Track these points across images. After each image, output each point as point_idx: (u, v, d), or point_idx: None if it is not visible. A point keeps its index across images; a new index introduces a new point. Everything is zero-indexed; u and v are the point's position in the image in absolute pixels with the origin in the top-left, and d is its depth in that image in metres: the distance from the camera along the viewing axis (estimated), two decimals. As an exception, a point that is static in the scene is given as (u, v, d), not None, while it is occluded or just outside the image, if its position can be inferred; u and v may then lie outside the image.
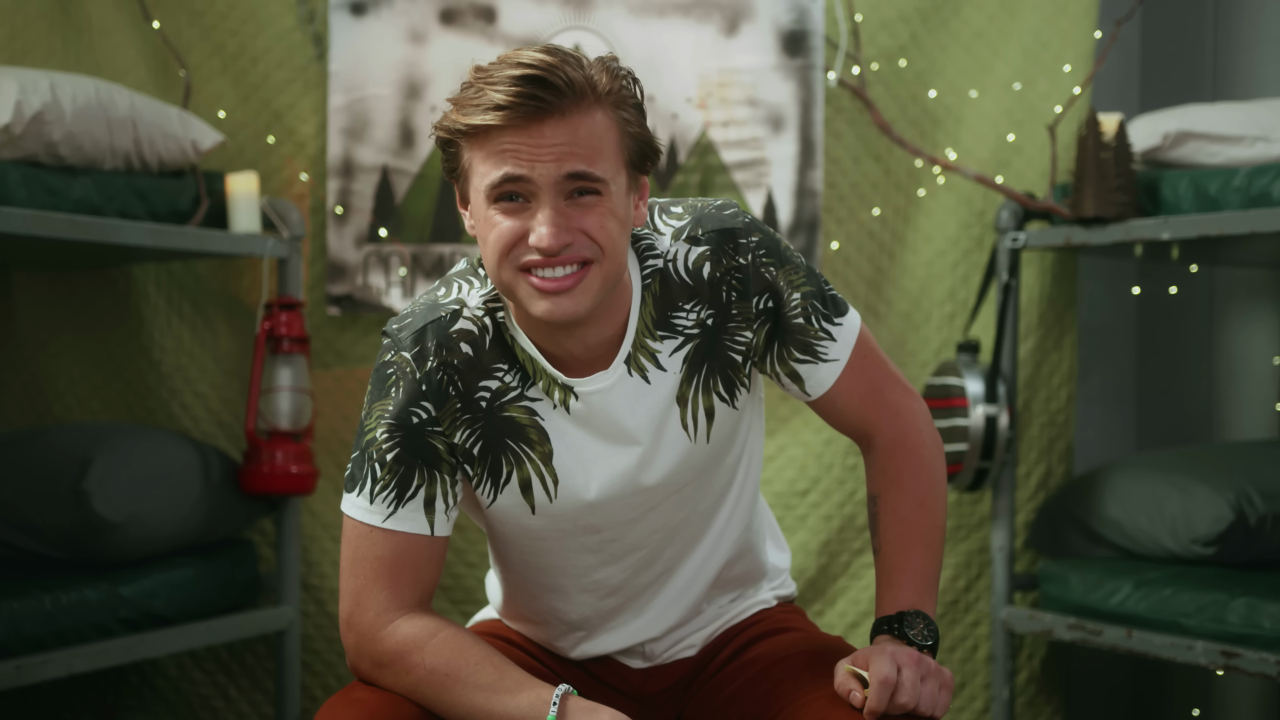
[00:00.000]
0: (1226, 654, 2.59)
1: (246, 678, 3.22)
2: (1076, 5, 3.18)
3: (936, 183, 3.23)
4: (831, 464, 3.21)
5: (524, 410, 1.63)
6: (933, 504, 1.69)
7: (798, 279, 1.65)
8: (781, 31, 3.14)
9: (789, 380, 1.69)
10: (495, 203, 1.52)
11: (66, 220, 2.53)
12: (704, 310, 1.64)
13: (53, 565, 2.70)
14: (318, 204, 3.21)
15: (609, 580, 1.71)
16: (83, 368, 3.23)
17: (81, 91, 2.63)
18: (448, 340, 1.61)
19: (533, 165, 1.49)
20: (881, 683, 1.51)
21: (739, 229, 1.64)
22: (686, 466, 1.67)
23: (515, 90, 1.47)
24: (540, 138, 1.49)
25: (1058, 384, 3.26)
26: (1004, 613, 3.05)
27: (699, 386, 1.65)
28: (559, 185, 1.51)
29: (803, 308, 1.65)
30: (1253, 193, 2.70)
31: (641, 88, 1.59)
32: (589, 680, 1.79)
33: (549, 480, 1.65)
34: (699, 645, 1.79)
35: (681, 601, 1.75)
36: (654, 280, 1.63)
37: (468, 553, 3.16)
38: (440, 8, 3.15)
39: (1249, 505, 2.80)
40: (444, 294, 1.66)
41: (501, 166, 1.50)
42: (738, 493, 1.76)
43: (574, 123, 1.50)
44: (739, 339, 1.65)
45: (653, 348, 1.64)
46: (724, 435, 1.68)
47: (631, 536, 1.69)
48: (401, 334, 1.63)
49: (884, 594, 1.65)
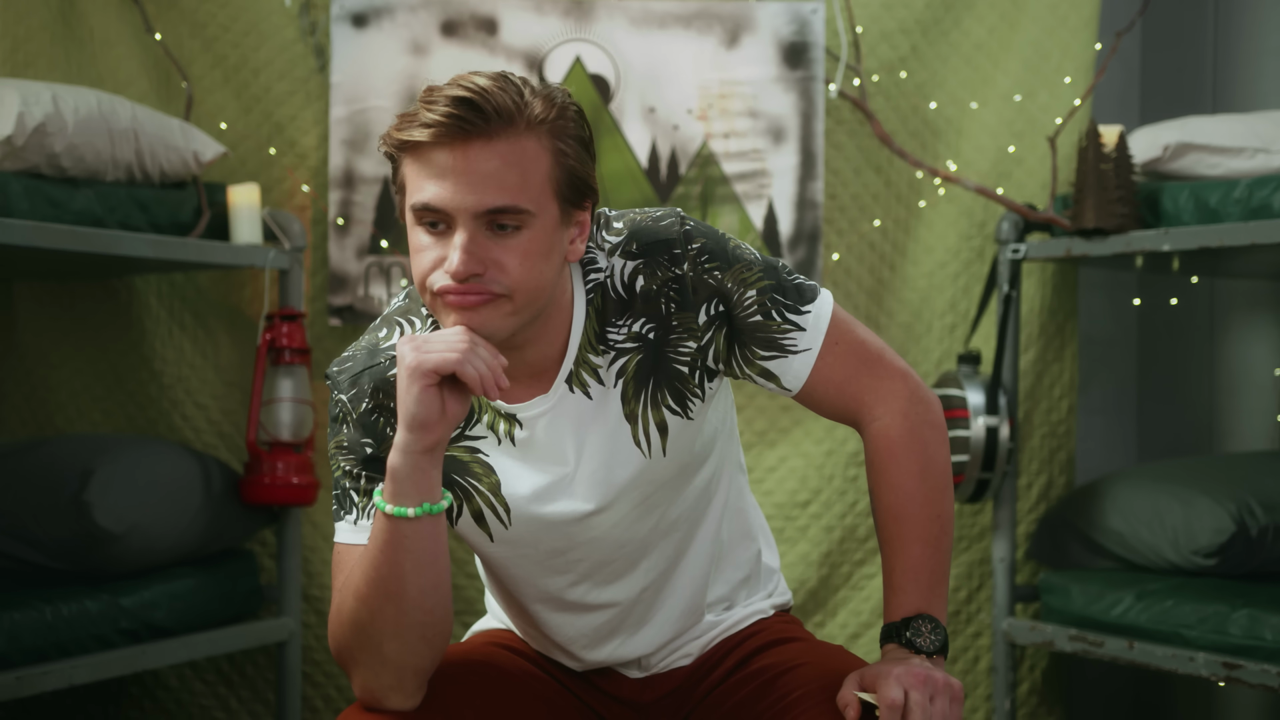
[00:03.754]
0: (1228, 666, 2.59)
1: (247, 689, 3.22)
2: (1077, 17, 3.19)
3: (937, 194, 3.23)
4: (833, 475, 3.21)
5: (464, 449, 1.64)
6: (927, 495, 1.64)
7: (751, 275, 1.62)
8: (782, 43, 3.15)
9: (763, 379, 1.66)
10: (420, 224, 1.54)
11: (68, 232, 2.54)
12: (641, 324, 1.62)
13: (53, 576, 2.69)
14: (319, 215, 3.21)
15: (586, 598, 1.70)
16: (84, 379, 3.23)
17: (84, 103, 2.64)
18: (385, 385, 1.62)
19: (454, 194, 1.50)
20: (890, 708, 1.49)
21: (675, 239, 1.61)
22: (645, 481, 1.65)
23: (445, 111, 1.48)
24: (465, 160, 1.49)
25: (1059, 395, 3.26)
26: (1005, 624, 3.04)
27: (648, 401, 1.63)
28: (477, 218, 1.51)
29: (759, 304, 1.62)
30: (1253, 204, 2.70)
31: (588, 126, 1.58)
32: (589, 687, 1.78)
33: (500, 510, 1.65)
34: (695, 654, 1.78)
35: (678, 616, 1.75)
36: (596, 295, 1.62)
37: (468, 563, 3.16)
38: (442, 19, 3.15)
39: (1250, 517, 2.80)
40: (384, 336, 1.66)
41: (425, 190, 1.51)
42: (722, 502, 1.74)
43: (500, 149, 1.49)
44: (682, 350, 1.63)
45: (594, 363, 1.63)
46: (683, 446, 1.66)
47: (599, 554, 1.68)
48: (340, 377, 1.64)
49: (888, 599, 1.62)
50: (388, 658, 1.56)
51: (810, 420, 3.21)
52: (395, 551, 1.52)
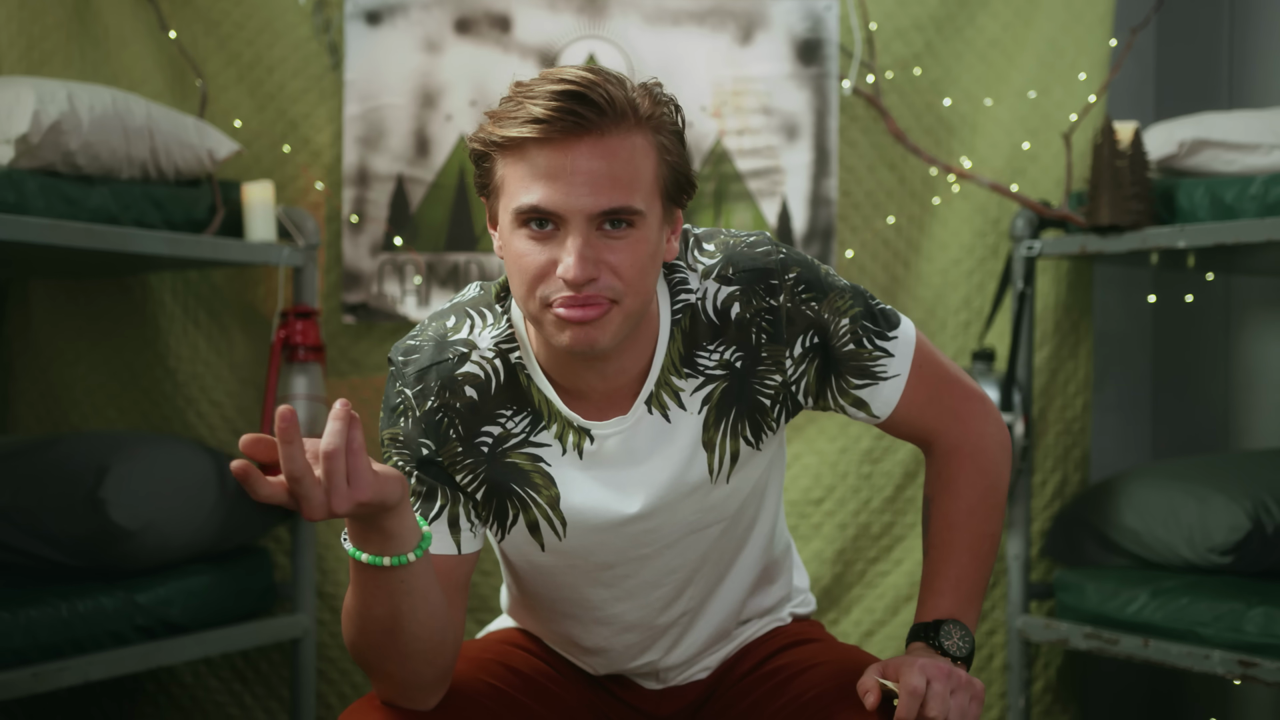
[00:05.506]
0: (1244, 663, 2.58)
1: (262, 685, 3.22)
2: (1091, 13, 3.18)
3: (951, 191, 3.23)
4: (846, 472, 3.21)
5: (527, 457, 1.59)
6: (985, 512, 1.65)
7: (844, 304, 1.60)
8: (796, 40, 3.15)
9: (854, 409, 1.64)
10: (523, 226, 1.47)
11: (83, 229, 2.54)
12: (731, 352, 1.59)
13: (69, 573, 2.70)
14: (333, 213, 3.21)
15: (625, 616, 1.68)
16: (99, 376, 3.24)
17: (99, 101, 2.64)
18: (451, 384, 1.57)
19: (567, 195, 1.43)
20: (911, 693, 1.49)
21: (773, 268, 1.57)
22: (703, 508, 1.63)
23: (554, 105, 1.42)
24: (576, 158, 1.43)
25: (1073, 392, 3.25)
26: (1020, 622, 3.04)
27: (727, 431, 1.60)
28: (591, 220, 1.45)
29: (852, 332, 1.60)
30: (1269, 200, 2.69)
31: (684, 116, 1.53)
32: (605, 695, 1.78)
33: (556, 522, 1.61)
34: (714, 667, 1.78)
35: (707, 638, 1.74)
36: (684, 316, 1.58)
37: (483, 561, 3.16)
38: (455, 17, 3.15)
39: (1266, 514, 2.79)
40: (453, 326, 1.60)
41: (533, 192, 1.44)
42: (763, 526, 1.72)
43: (612, 145, 1.44)
44: (768, 382, 1.60)
45: (677, 385, 1.59)
46: (746, 475, 1.64)
47: (647, 574, 1.65)
48: (407, 369, 1.59)
49: (924, 600, 1.62)
50: (392, 674, 1.54)
51: (824, 418, 3.21)
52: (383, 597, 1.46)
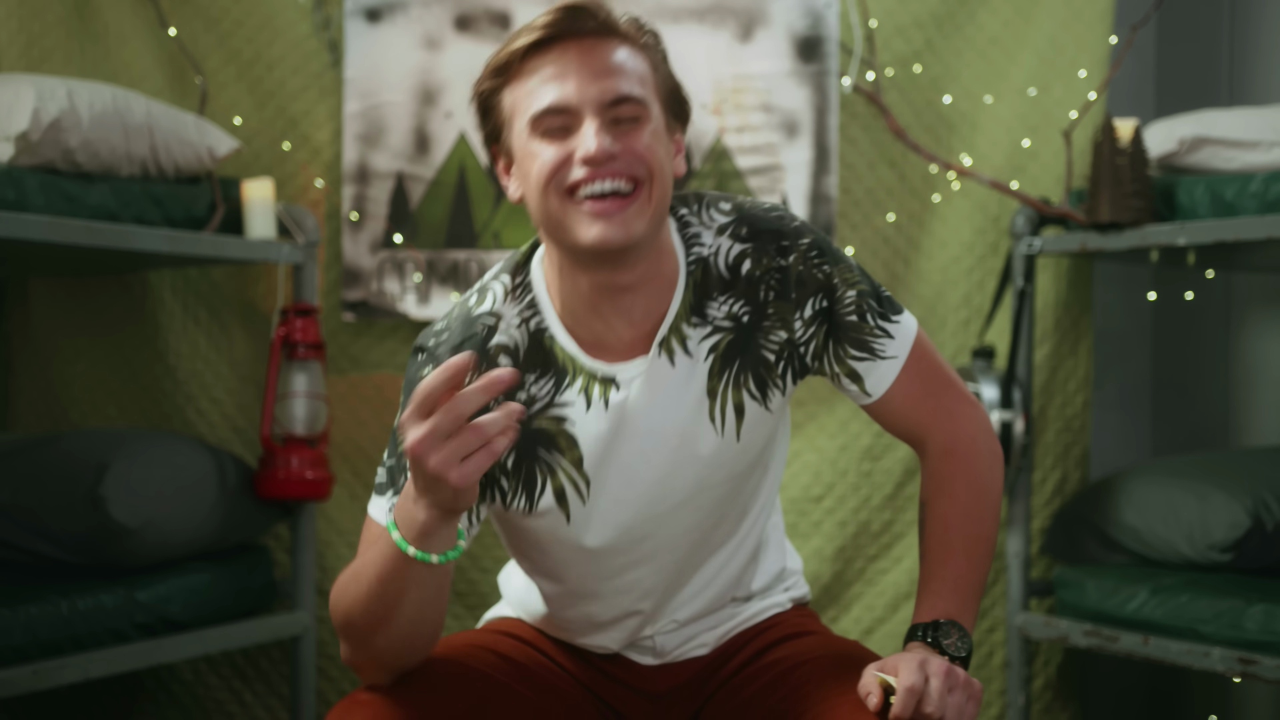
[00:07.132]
0: (1244, 661, 2.58)
1: (262, 683, 3.22)
2: (1091, 10, 3.18)
3: (951, 188, 3.23)
4: (846, 470, 3.21)
5: (552, 419, 1.63)
6: (980, 514, 1.67)
7: (852, 277, 1.65)
8: (796, 37, 3.15)
9: (848, 380, 1.67)
10: (539, 135, 1.54)
11: (83, 227, 2.54)
12: (739, 306, 1.64)
13: (69, 570, 2.70)
14: (333, 210, 3.21)
15: (642, 582, 1.70)
16: (99, 373, 3.24)
17: (98, 98, 2.64)
18: (487, 356, 1.62)
19: (578, 87, 1.52)
20: (908, 690, 1.49)
21: (786, 231, 1.64)
22: (716, 465, 1.66)
23: (552, 16, 1.53)
24: (585, 55, 1.53)
25: (1073, 390, 3.25)
26: (1020, 619, 3.04)
27: (729, 381, 1.64)
28: (602, 110, 1.53)
29: (857, 305, 1.65)
30: (1269, 198, 2.69)
31: (665, 49, 1.63)
32: (602, 676, 1.78)
33: (581, 484, 1.64)
34: (711, 645, 1.78)
35: (703, 596, 1.75)
36: (697, 269, 1.64)
37: (482, 558, 3.17)
38: (455, 14, 3.15)
39: (1266, 511, 2.79)
40: (476, 303, 1.65)
41: (544, 96, 1.53)
42: (766, 493, 1.75)
43: (611, 47, 1.55)
44: (773, 338, 1.64)
45: (685, 332, 1.63)
46: (756, 436, 1.67)
47: (663, 535, 1.68)
48: (439, 349, 1.62)
49: (922, 601, 1.63)
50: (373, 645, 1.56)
51: (824, 415, 3.21)
52: (405, 584, 1.50)
